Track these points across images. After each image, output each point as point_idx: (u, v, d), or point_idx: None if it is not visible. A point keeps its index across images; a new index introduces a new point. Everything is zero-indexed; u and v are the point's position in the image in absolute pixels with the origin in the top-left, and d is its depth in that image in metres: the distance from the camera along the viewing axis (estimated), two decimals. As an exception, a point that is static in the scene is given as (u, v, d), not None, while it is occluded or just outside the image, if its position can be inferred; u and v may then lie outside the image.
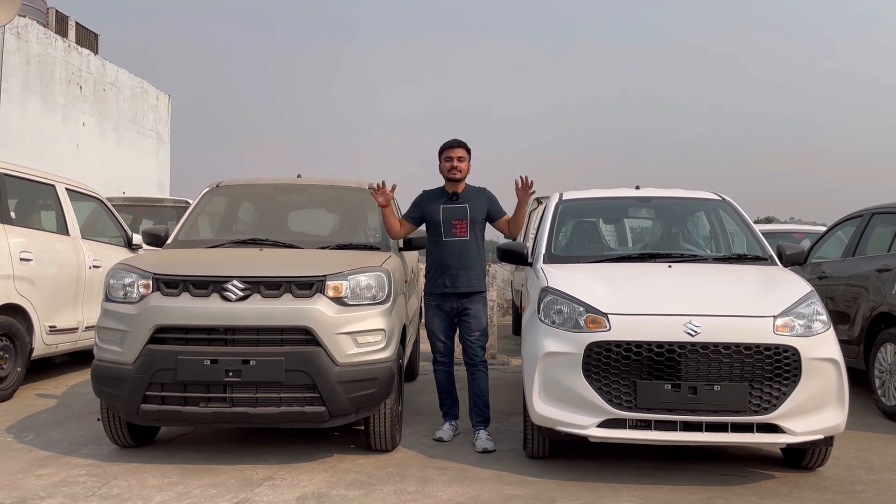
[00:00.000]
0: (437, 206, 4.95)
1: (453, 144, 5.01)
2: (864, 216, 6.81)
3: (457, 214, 4.92)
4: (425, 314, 5.08)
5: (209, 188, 5.80)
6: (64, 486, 3.87)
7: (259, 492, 3.82)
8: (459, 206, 4.93)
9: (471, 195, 5.01)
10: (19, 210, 6.33)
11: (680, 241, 5.65)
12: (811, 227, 10.63)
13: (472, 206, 4.94)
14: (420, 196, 5.09)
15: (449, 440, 4.83)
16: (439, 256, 4.93)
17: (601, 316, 4.01)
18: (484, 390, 4.92)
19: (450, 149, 4.99)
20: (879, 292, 5.90)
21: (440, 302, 4.94)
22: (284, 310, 4.13)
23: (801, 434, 3.87)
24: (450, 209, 4.93)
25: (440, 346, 5.00)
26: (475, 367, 4.94)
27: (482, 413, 4.89)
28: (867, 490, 3.97)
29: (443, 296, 4.92)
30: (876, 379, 5.84)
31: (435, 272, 4.96)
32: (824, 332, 4.02)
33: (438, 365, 5.04)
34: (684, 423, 3.86)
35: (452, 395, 5.05)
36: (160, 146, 19.29)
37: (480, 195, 5.03)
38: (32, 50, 13.82)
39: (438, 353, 5.02)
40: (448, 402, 5.04)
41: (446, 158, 4.98)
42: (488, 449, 4.61)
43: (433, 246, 5.01)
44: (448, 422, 4.99)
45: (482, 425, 4.85)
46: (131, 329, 4.14)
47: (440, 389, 5.06)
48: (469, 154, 5.04)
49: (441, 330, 4.97)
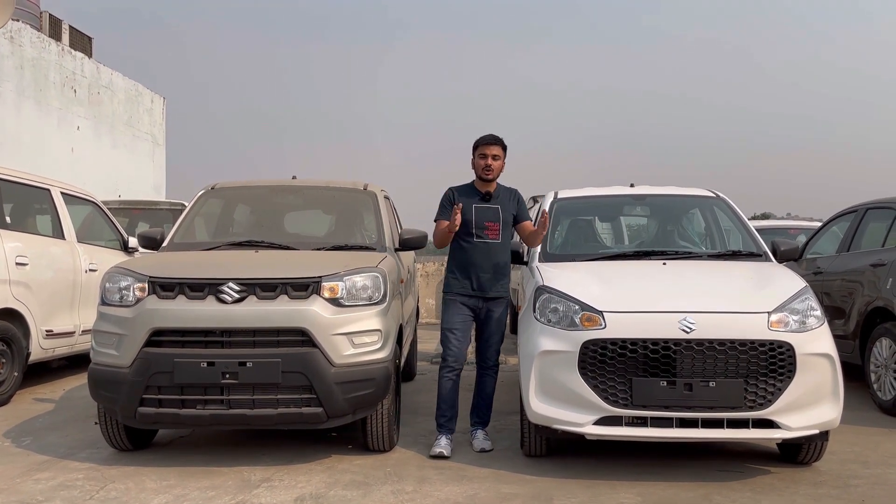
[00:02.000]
0: (470, 205, 4.67)
1: (490, 141, 4.70)
2: (858, 211, 6.83)
3: (490, 216, 4.68)
4: (444, 312, 4.75)
5: (204, 190, 5.80)
6: (62, 490, 3.88)
7: (257, 493, 3.83)
8: (493, 208, 4.69)
9: (503, 196, 4.76)
10: (14, 214, 6.33)
11: (675, 239, 5.67)
12: (807, 223, 10.65)
13: (504, 208, 4.71)
14: (450, 193, 4.78)
15: (450, 455, 4.48)
16: (469, 258, 4.66)
17: (596, 314, 4.02)
18: (490, 394, 4.81)
19: (486, 145, 4.68)
20: (874, 287, 5.92)
21: (464, 301, 4.68)
22: (280, 311, 4.13)
23: (797, 429, 3.88)
24: (482, 210, 4.68)
25: (453, 349, 4.63)
26: (487, 370, 4.79)
27: (484, 415, 4.80)
28: (862, 484, 3.99)
29: (467, 296, 4.68)
30: (871, 374, 5.86)
31: (462, 273, 4.69)
32: (819, 328, 4.04)
33: (447, 370, 4.65)
34: (680, 420, 3.87)
35: (454, 408, 4.69)
36: (155, 149, 19.27)
37: (511, 196, 4.80)
38: (26, 54, 13.80)
39: (450, 357, 4.64)
40: (448, 413, 4.66)
41: (481, 156, 4.68)
42: (486, 448, 4.58)
43: (462, 246, 4.70)
44: (445, 435, 4.61)
45: (480, 426, 4.79)
46: (128, 332, 4.15)
47: (442, 399, 4.66)
48: (504, 152, 4.74)
49: (460, 329, 4.64)
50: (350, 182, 6.01)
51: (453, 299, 4.71)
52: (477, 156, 4.71)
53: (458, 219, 4.49)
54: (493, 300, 4.71)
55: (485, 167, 4.66)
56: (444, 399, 4.66)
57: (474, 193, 4.74)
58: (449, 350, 4.65)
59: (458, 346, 4.64)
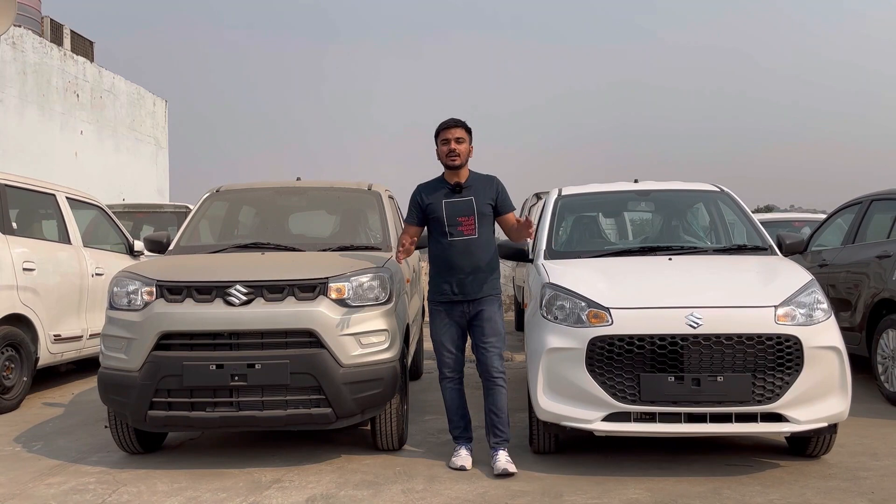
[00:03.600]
0: (439, 201, 4.30)
1: (450, 124, 4.33)
2: (863, 203, 6.83)
3: (462, 209, 4.27)
4: (431, 323, 4.41)
5: (209, 193, 5.82)
6: (74, 494, 3.90)
7: (268, 494, 3.85)
8: (464, 200, 4.28)
9: (476, 185, 4.34)
10: (21, 220, 6.36)
11: (680, 234, 5.67)
12: (811, 216, 10.65)
13: (478, 198, 4.29)
14: (416, 193, 4.42)
15: (470, 468, 4.20)
16: (444, 259, 4.29)
17: (603, 310, 4.03)
18: (503, 407, 4.26)
19: (446, 129, 4.32)
20: (880, 279, 5.91)
21: (448, 309, 4.31)
22: (288, 313, 4.15)
23: (805, 422, 3.89)
24: (453, 204, 4.28)
25: (448, 360, 4.34)
26: (492, 381, 4.25)
27: (502, 433, 4.25)
28: (872, 476, 3.99)
29: (451, 303, 4.30)
30: (879, 365, 5.86)
31: (440, 277, 4.33)
32: (825, 321, 4.04)
33: (447, 381, 4.38)
34: (688, 415, 3.88)
35: (465, 416, 4.39)
36: (159, 152, 19.30)
37: (488, 184, 4.37)
38: (28, 59, 13.84)
39: (447, 368, 4.36)
40: (461, 423, 4.36)
41: (443, 141, 4.31)
42: (508, 471, 4.05)
43: (436, 246, 4.35)
44: (463, 446, 4.31)
45: (502, 445, 4.24)
46: (136, 336, 4.17)
47: (450, 410, 4.39)
48: (470, 135, 4.36)
49: (450, 340, 4.32)
50: (354, 182, 6.02)
51: (436, 309, 4.36)
52: (440, 143, 4.33)
53: (403, 256, 4.31)
54: (479, 301, 4.27)
55: (448, 153, 4.28)
56: (452, 410, 4.39)
57: (443, 185, 4.35)
58: (442, 360, 4.38)
59: (451, 358, 4.35)
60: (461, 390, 4.43)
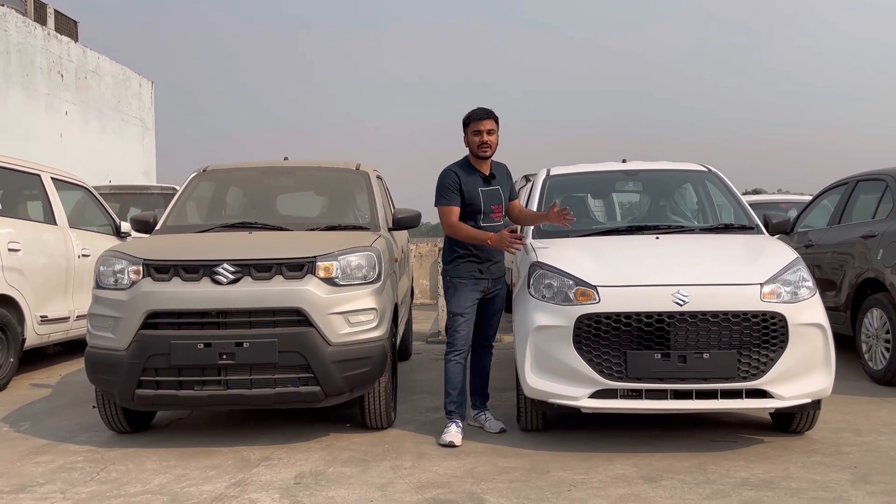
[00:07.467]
0: (476, 189, 4.47)
1: (481, 116, 4.43)
2: (849, 184, 6.87)
3: (495, 198, 4.53)
4: (454, 295, 4.51)
5: (196, 173, 5.78)
6: (62, 473, 3.90)
7: (257, 472, 3.86)
8: (495, 189, 4.53)
9: (499, 175, 4.61)
10: (5, 200, 6.30)
11: (667, 213, 5.69)
12: (798, 198, 10.70)
13: (503, 188, 4.59)
14: (452, 176, 4.48)
15: (460, 444, 4.29)
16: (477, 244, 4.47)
17: (590, 288, 4.05)
18: (489, 372, 4.79)
19: (478, 121, 4.42)
20: (865, 258, 5.96)
21: (476, 285, 4.51)
22: (276, 291, 4.14)
23: (790, 399, 3.94)
24: (488, 193, 4.50)
25: (463, 332, 4.46)
26: (487, 348, 4.76)
27: (486, 393, 4.75)
28: (854, 451, 4.05)
29: (476, 280, 4.51)
30: (863, 344, 5.93)
31: (471, 257, 4.49)
32: (810, 298, 4.08)
33: (455, 354, 4.47)
34: (675, 392, 3.92)
35: (463, 393, 4.52)
36: (145, 133, 19.15)
37: (506, 174, 4.69)
38: (11, 39, 13.64)
39: (459, 341, 4.47)
40: (459, 399, 4.48)
41: (474, 132, 4.42)
42: (504, 428, 4.51)
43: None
44: (454, 422, 4.42)
45: (485, 406, 4.71)
46: (123, 315, 4.15)
47: (452, 385, 4.47)
48: (497, 125, 4.50)
49: (470, 313, 4.48)
50: (342, 162, 6.00)
51: (464, 283, 4.50)
52: (470, 133, 4.45)
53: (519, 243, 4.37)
54: (498, 280, 4.65)
55: (480, 144, 4.42)
56: (453, 385, 4.47)
57: (474, 173, 4.51)
58: (458, 335, 4.47)
59: (467, 330, 4.49)
60: (465, 367, 4.56)
